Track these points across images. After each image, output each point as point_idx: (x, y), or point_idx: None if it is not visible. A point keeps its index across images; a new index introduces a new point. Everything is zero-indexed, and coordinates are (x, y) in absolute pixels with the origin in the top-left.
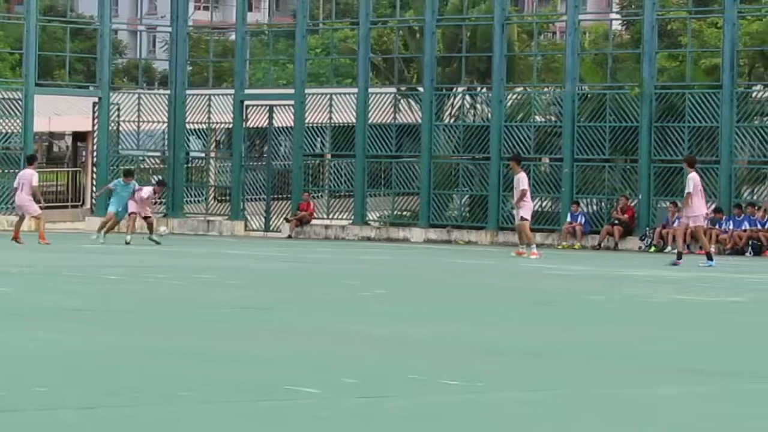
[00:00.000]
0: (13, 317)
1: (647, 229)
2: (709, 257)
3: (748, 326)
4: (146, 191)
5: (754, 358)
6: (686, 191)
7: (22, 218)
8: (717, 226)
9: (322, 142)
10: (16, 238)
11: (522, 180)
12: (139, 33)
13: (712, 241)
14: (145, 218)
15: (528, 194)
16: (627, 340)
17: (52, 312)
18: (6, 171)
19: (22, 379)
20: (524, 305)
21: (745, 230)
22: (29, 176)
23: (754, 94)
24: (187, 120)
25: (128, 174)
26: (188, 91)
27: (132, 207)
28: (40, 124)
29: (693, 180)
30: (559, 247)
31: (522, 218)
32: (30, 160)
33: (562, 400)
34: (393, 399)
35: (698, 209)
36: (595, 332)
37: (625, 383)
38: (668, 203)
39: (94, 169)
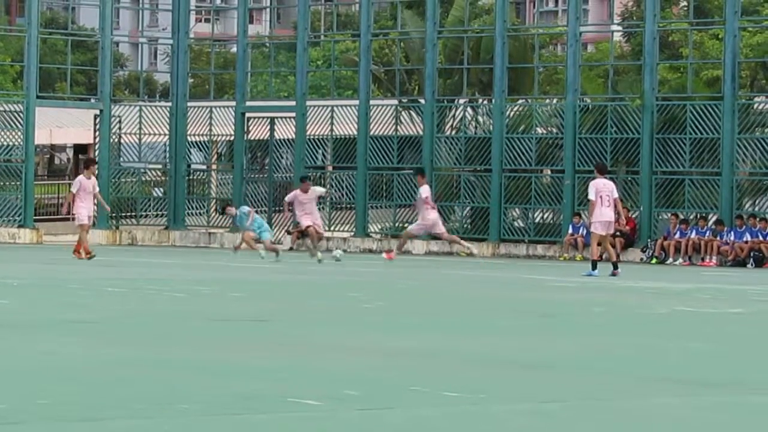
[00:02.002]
0: (14, 329)
1: (648, 240)
2: (594, 266)
3: (749, 338)
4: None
5: (754, 370)
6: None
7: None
8: (719, 238)
9: (323, 154)
10: (77, 251)
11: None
12: (140, 45)
13: (713, 252)
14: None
15: (422, 207)
16: (627, 351)
17: (53, 324)
18: (7, 183)
19: (24, 391)
20: (525, 316)
21: (746, 242)
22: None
23: (755, 106)
24: (188, 132)
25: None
26: (189, 103)
27: (307, 219)
28: (41, 137)
29: (594, 187)
30: (561, 258)
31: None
32: (85, 164)
33: (563, 411)
34: (394, 411)
35: (596, 216)
36: (596, 343)
37: (626, 394)
38: (669, 215)
39: None
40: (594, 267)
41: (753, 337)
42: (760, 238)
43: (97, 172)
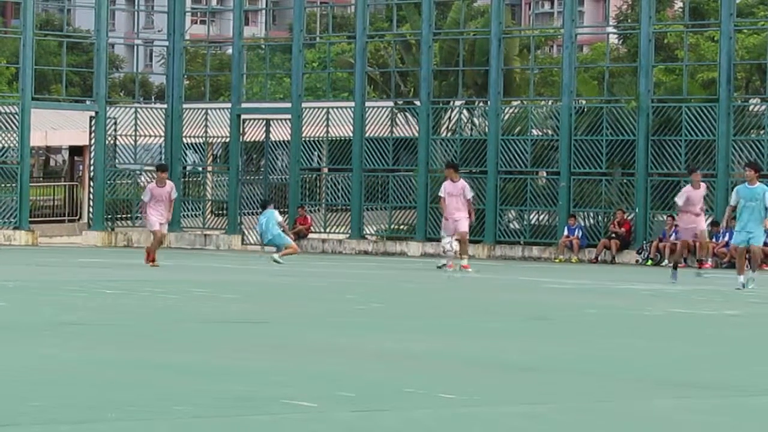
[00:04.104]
0: (8, 331)
1: (644, 242)
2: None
3: (744, 340)
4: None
5: (749, 372)
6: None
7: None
8: (714, 240)
9: (318, 155)
10: (150, 259)
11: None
12: (135, 47)
13: (709, 254)
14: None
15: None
16: (623, 354)
17: (48, 326)
18: (3, 185)
19: (17, 393)
20: (521, 319)
21: None
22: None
23: (750, 108)
24: (183, 134)
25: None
26: (185, 105)
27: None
28: (36, 139)
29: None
30: (556, 260)
31: None
32: (157, 170)
33: (558, 414)
34: (389, 412)
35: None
36: (591, 346)
37: (621, 397)
38: (665, 217)
39: (91, 184)
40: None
41: (750, 339)
42: None
43: (167, 176)
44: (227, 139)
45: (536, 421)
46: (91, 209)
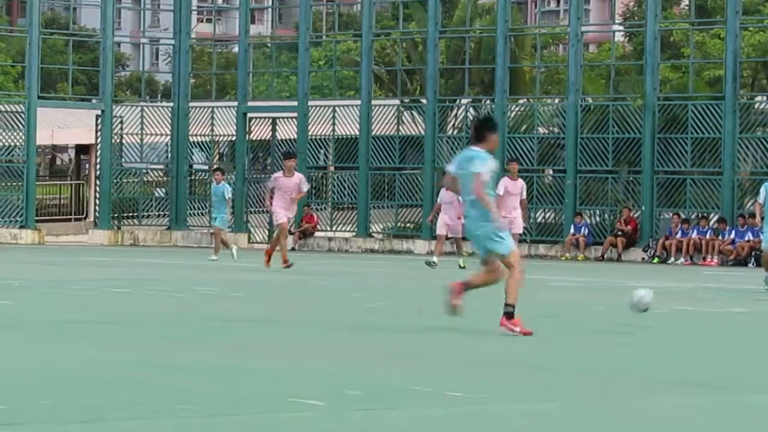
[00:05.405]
0: (14, 330)
1: (650, 240)
2: None
3: (750, 338)
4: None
5: (754, 370)
6: None
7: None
8: (720, 237)
9: (325, 154)
10: (283, 260)
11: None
12: (141, 45)
13: (715, 252)
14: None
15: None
16: (628, 352)
17: (54, 325)
18: (9, 184)
19: (24, 392)
20: (527, 317)
21: (748, 241)
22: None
23: (756, 105)
24: (190, 132)
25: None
26: (191, 104)
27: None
28: (42, 137)
29: None
30: (562, 258)
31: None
32: (285, 156)
33: (563, 412)
34: (397, 411)
35: None
36: (597, 343)
37: (627, 394)
38: (671, 214)
39: (97, 182)
40: None
41: (755, 338)
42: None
43: (296, 164)
44: (233, 138)
45: (542, 418)
46: (97, 208)
